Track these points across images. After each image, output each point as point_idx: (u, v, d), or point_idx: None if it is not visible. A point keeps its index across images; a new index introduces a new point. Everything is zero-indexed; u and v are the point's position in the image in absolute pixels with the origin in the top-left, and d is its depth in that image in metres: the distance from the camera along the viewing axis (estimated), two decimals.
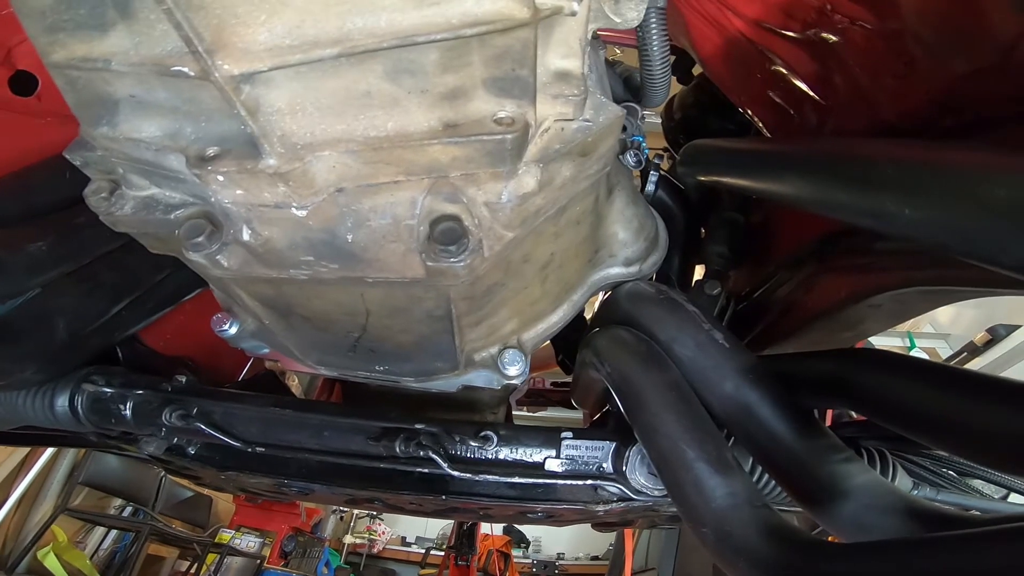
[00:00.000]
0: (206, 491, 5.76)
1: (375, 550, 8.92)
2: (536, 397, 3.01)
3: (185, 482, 5.45)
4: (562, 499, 1.11)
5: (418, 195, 0.63)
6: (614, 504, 1.11)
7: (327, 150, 0.55)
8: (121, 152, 0.62)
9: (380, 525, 9.10)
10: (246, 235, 0.62)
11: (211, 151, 0.55)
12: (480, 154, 0.59)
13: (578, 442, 1.03)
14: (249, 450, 1.02)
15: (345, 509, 8.84)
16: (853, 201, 0.61)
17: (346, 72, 0.51)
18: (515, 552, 8.23)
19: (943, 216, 0.47)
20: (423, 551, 8.52)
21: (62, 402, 1.04)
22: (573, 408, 2.87)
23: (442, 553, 7.88)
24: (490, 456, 1.04)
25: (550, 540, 9.46)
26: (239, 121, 0.52)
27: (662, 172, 1.31)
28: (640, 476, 0.97)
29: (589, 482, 1.04)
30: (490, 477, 1.04)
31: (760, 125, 1.04)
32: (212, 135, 0.56)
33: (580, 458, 1.03)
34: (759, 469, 0.96)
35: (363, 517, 9.19)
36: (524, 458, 1.04)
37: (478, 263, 0.67)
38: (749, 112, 1.06)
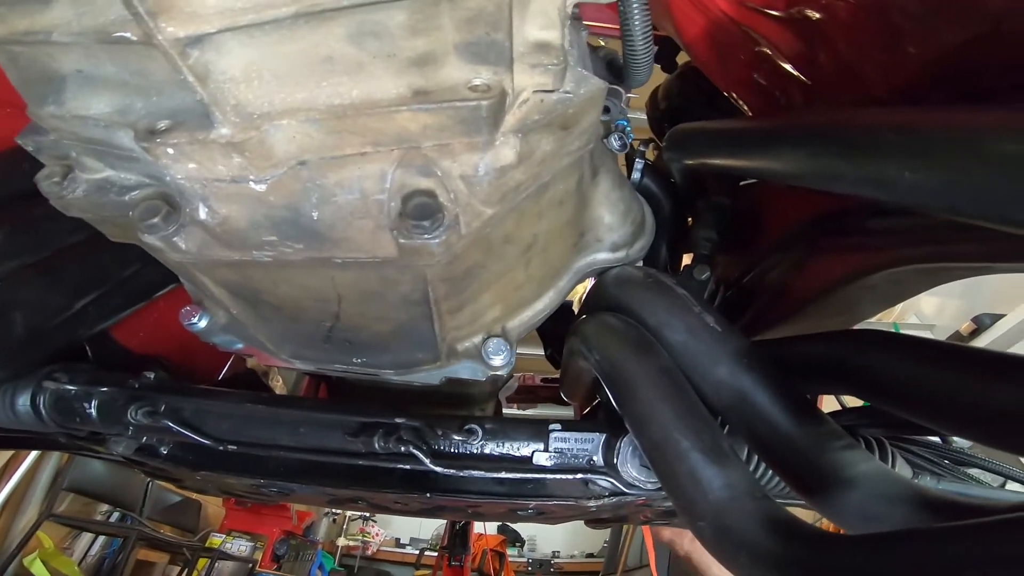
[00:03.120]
0: (195, 495, 5.69)
1: (369, 552, 8.86)
2: (526, 394, 2.98)
3: (173, 487, 5.36)
4: (552, 495, 1.08)
5: (388, 168, 0.59)
6: (606, 499, 1.08)
7: (286, 119, 0.51)
8: (70, 132, 0.58)
9: (373, 527, 9.04)
10: (203, 214, 0.58)
11: (161, 124, 0.51)
12: (454, 122, 0.56)
13: (567, 434, 0.99)
14: (221, 448, 0.97)
15: (337, 512, 8.77)
16: (853, 170, 0.58)
17: (305, 35, 0.47)
18: (510, 551, 8.20)
19: (948, 177, 0.44)
20: (417, 552, 8.46)
21: (24, 401, 0.99)
22: (564, 404, 2.85)
23: (436, 554, 7.83)
24: (475, 451, 1.00)
25: (544, 538, 9.45)
26: (189, 90, 0.48)
27: (647, 161, 1.28)
28: (632, 469, 0.94)
29: (579, 476, 1.01)
30: (476, 473, 1.00)
31: (745, 108, 1.01)
32: (164, 109, 0.52)
33: (569, 451, 0.99)
34: (755, 459, 0.93)
35: (356, 519, 9.12)
36: (511, 452, 1.00)
37: (455, 240, 0.64)
38: (734, 95, 1.03)
